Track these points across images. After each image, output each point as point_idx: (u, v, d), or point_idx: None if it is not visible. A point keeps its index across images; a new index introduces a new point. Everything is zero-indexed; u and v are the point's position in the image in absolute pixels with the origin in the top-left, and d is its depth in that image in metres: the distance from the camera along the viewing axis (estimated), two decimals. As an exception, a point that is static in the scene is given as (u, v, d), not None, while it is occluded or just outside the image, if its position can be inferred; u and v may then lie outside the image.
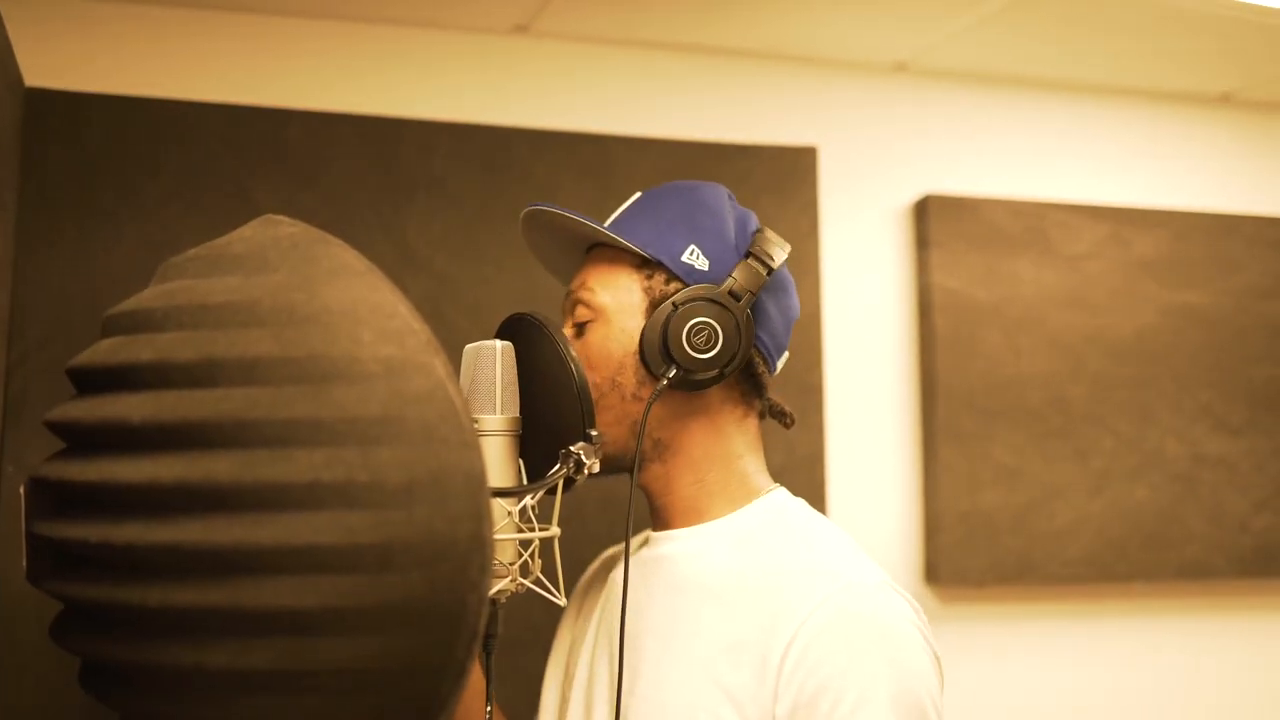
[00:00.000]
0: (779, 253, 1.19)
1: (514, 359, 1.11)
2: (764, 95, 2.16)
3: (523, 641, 1.66)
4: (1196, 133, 2.43)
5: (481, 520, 0.81)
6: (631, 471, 1.17)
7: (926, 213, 2.17)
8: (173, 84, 1.83)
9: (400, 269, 1.83)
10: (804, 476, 2.00)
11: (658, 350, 1.13)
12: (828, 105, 2.20)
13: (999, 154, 2.29)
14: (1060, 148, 2.33)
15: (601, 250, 1.21)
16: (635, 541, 1.30)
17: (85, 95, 1.73)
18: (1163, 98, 2.40)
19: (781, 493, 1.22)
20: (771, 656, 1.05)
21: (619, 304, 1.17)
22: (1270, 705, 2.32)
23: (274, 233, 0.92)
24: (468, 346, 1.11)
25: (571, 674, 1.27)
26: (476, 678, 1.23)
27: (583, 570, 1.45)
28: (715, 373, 1.14)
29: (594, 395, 1.13)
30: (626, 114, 2.06)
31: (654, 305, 1.15)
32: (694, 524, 1.20)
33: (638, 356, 1.15)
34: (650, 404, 1.13)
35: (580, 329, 1.19)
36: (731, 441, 1.20)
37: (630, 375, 1.16)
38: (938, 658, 1.09)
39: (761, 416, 1.25)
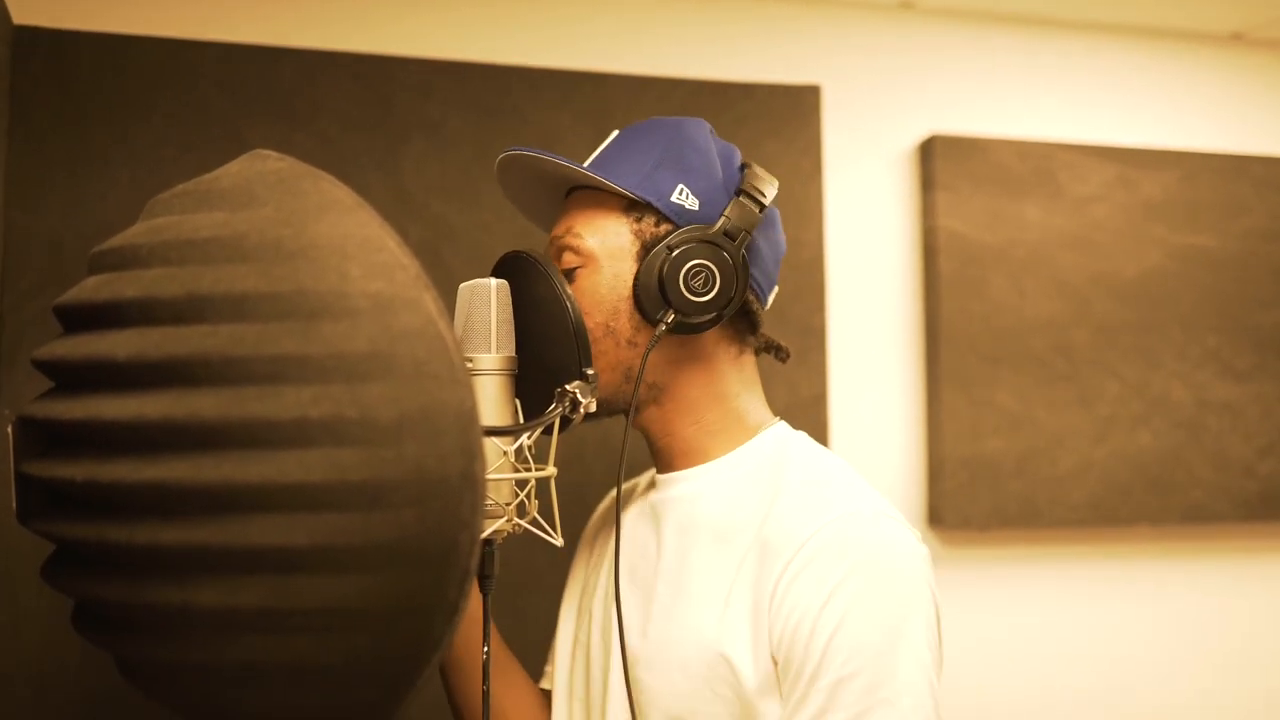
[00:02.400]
0: (769, 189, 1.16)
1: (509, 297, 1.09)
2: (766, 33, 2.12)
3: (523, 583, 1.66)
4: (1207, 72, 2.39)
5: (473, 457, 0.79)
6: (627, 415, 1.16)
7: (932, 153, 2.14)
8: (165, 22, 1.80)
9: (396, 211, 1.81)
10: (807, 419, 1.99)
11: (655, 294, 1.11)
12: (832, 44, 2.16)
13: (1006, 94, 2.26)
14: (1068, 87, 2.30)
15: (584, 193, 1.19)
16: (643, 482, 1.30)
17: (75, 34, 1.70)
18: (1173, 36, 2.36)
19: (781, 427, 1.22)
20: (766, 589, 1.06)
21: (608, 248, 1.15)
22: (1274, 649, 2.32)
23: (261, 167, 0.90)
24: (463, 285, 1.10)
25: (587, 616, 1.28)
26: (472, 620, 1.23)
27: (582, 511, 1.44)
28: (713, 315, 1.12)
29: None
30: (626, 53, 2.03)
31: (646, 248, 1.13)
32: (696, 464, 1.19)
33: (632, 301, 1.13)
34: (649, 350, 1.12)
35: (569, 275, 1.16)
36: (727, 381, 1.19)
37: (625, 321, 1.14)
38: (935, 593, 1.07)
39: (757, 353, 1.24)
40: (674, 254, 1.10)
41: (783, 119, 2.02)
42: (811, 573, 1.03)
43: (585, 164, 1.19)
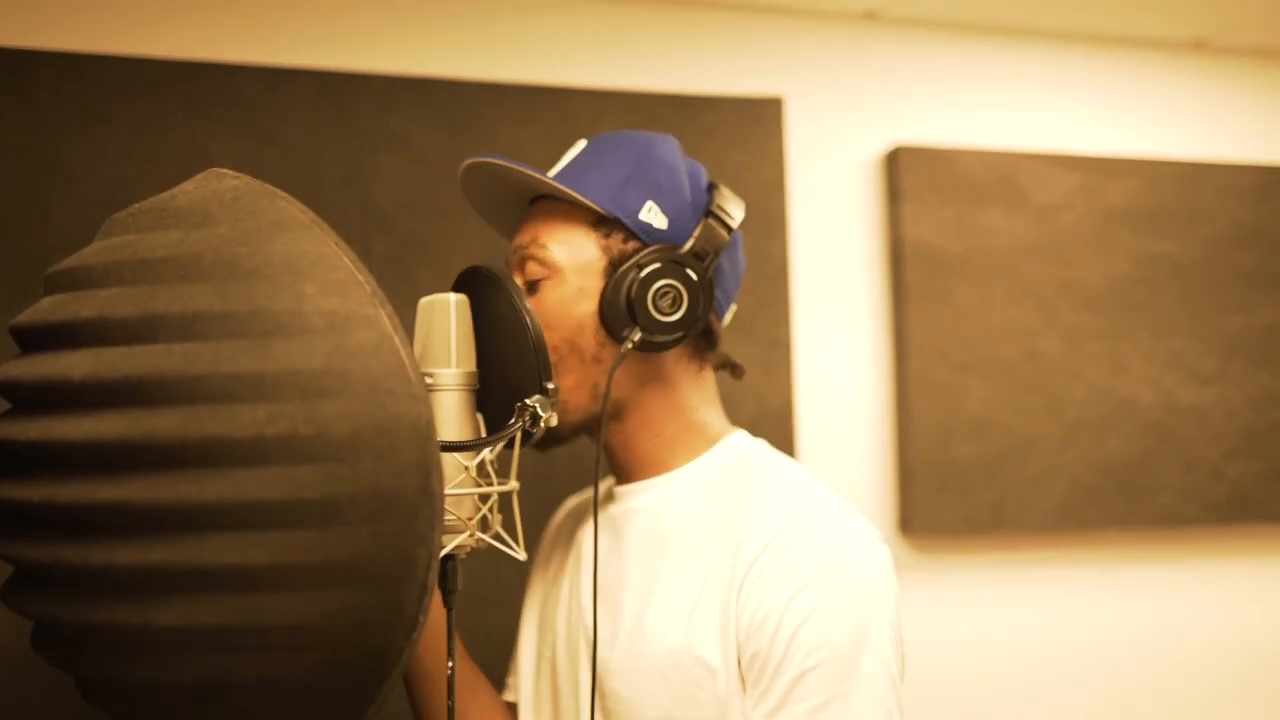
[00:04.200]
0: (737, 211, 1.17)
1: (469, 312, 1.10)
2: (729, 45, 2.13)
3: (491, 598, 1.66)
4: (1169, 80, 2.41)
5: (430, 473, 0.80)
6: (600, 429, 1.16)
7: (897, 164, 2.16)
8: (126, 39, 1.80)
9: (362, 226, 1.81)
10: (774, 430, 2.00)
11: (622, 313, 1.12)
12: (795, 55, 2.18)
13: (970, 104, 2.28)
14: (1032, 96, 2.32)
15: (550, 203, 1.18)
16: (600, 495, 1.30)
17: (35, 52, 1.70)
18: (1136, 44, 2.38)
19: (740, 435, 1.23)
20: (733, 587, 1.07)
21: (575, 262, 1.15)
22: (1243, 650, 2.34)
23: (217, 186, 0.90)
24: (422, 300, 1.10)
25: (550, 631, 1.28)
26: (440, 633, 1.23)
27: (545, 525, 1.44)
28: (679, 335, 1.13)
29: (553, 358, 1.12)
30: (590, 66, 2.04)
31: (613, 265, 1.14)
32: (656, 475, 1.21)
33: (597, 318, 1.14)
34: (614, 367, 1.12)
35: (533, 286, 1.16)
36: (687, 397, 1.21)
37: (590, 337, 1.14)
38: (895, 591, 1.09)
39: (716, 369, 1.25)
40: (643, 273, 1.11)
41: (747, 131, 2.03)
42: (777, 569, 1.05)
43: (552, 173, 1.18)
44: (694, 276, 1.12)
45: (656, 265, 1.12)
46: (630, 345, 1.12)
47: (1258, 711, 2.34)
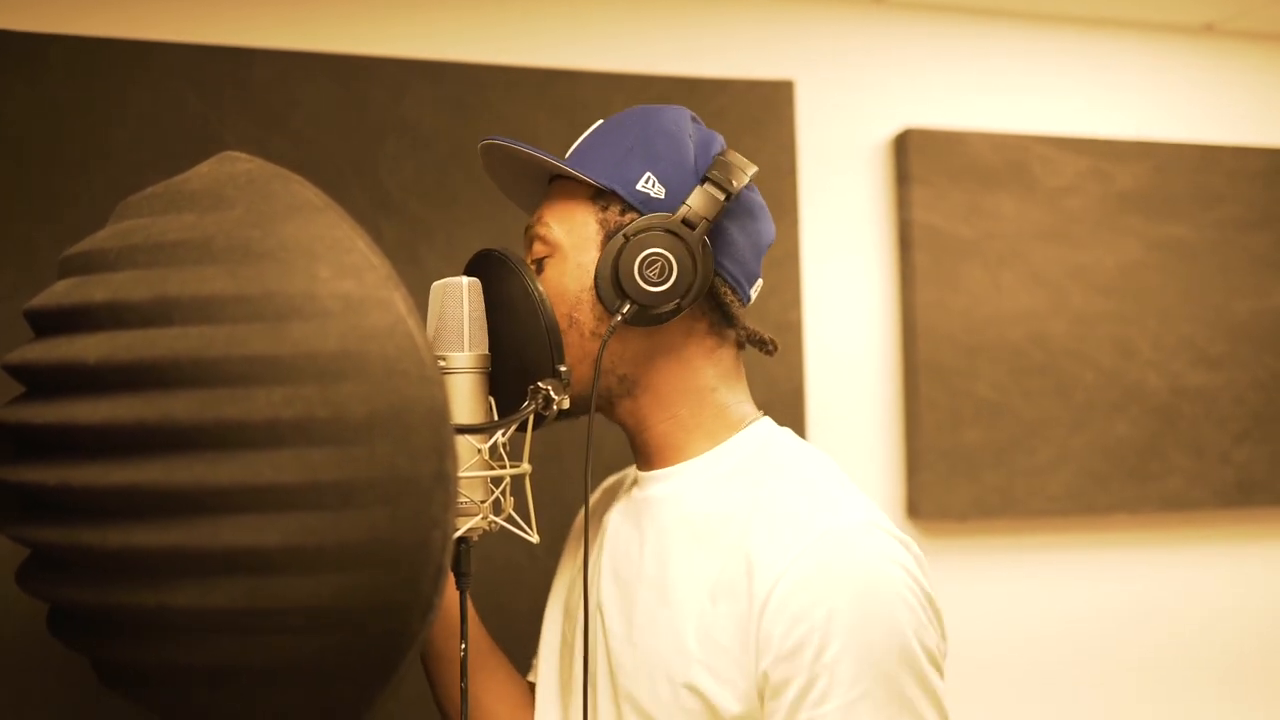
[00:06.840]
0: (739, 175, 1.13)
1: (481, 295, 1.10)
2: (740, 29, 2.13)
3: (503, 580, 1.66)
4: (1179, 64, 2.40)
5: (444, 455, 0.80)
6: (589, 410, 1.14)
7: (907, 147, 2.15)
8: (136, 24, 1.79)
9: (373, 211, 1.81)
10: (785, 413, 1.99)
11: (610, 284, 1.10)
12: (805, 38, 2.17)
13: (980, 87, 2.27)
14: (1042, 80, 2.31)
15: (561, 183, 1.17)
16: (629, 477, 1.29)
17: (46, 36, 1.70)
18: (1145, 28, 2.37)
19: (765, 424, 1.19)
20: (752, 606, 1.03)
21: (574, 238, 1.13)
22: (1251, 634, 2.34)
23: (231, 169, 0.90)
24: (435, 283, 1.10)
25: (573, 615, 1.26)
26: (453, 615, 1.23)
27: (559, 507, 1.44)
28: (673, 305, 1.10)
29: None
30: (600, 49, 2.03)
31: (609, 237, 1.11)
32: (675, 462, 1.17)
33: (594, 292, 1.11)
34: (605, 341, 1.10)
35: (539, 265, 1.15)
36: (702, 375, 1.17)
37: (588, 312, 1.12)
38: (930, 598, 1.05)
39: (740, 346, 1.21)
40: (630, 242, 1.09)
41: (757, 115, 2.03)
42: (803, 596, 1.00)
43: (566, 154, 1.17)
44: (685, 243, 1.08)
45: (644, 233, 1.09)
46: (620, 317, 1.09)
47: (1265, 695, 2.34)
